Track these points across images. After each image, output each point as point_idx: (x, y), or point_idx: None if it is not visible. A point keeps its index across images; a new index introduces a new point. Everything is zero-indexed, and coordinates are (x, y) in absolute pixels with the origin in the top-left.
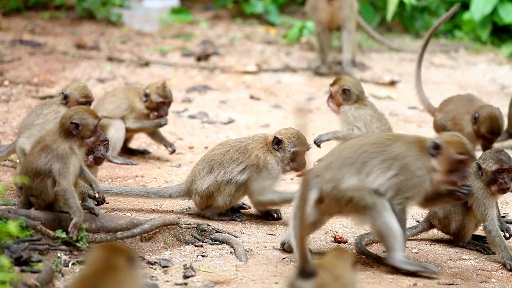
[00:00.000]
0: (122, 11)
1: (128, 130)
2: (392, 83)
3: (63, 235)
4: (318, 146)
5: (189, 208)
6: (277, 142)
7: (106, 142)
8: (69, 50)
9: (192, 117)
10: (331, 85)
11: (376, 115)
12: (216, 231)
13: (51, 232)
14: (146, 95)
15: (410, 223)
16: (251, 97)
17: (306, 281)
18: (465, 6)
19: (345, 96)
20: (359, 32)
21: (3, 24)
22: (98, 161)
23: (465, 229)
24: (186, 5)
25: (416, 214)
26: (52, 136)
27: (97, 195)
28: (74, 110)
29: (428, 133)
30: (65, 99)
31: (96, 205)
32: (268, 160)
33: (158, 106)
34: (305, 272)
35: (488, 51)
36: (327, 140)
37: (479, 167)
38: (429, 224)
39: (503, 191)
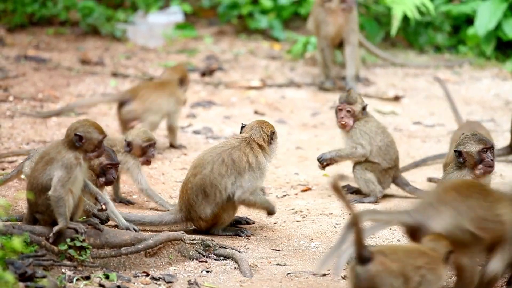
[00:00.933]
0: (126, 26)
1: None
2: (397, 98)
3: (65, 247)
4: (322, 164)
5: None
6: (272, 135)
7: (117, 165)
8: (74, 65)
9: (196, 132)
10: (351, 104)
11: (381, 127)
12: (221, 247)
13: (55, 248)
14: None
15: None
16: (256, 112)
17: (363, 266)
18: (470, 21)
19: (364, 112)
20: (362, 48)
21: (8, 40)
22: (108, 184)
23: None
24: (190, 21)
25: None
26: (56, 148)
27: (103, 207)
28: (80, 123)
29: (432, 148)
30: (129, 146)
31: (100, 223)
32: (260, 161)
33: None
34: (362, 257)
35: (493, 66)
36: (331, 158)
37: (460, 154)
38: None
39: (490, 169)
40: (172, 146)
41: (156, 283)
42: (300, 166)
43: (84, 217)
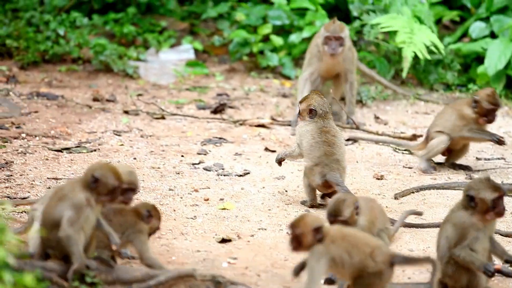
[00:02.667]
0: (138, 64)
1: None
2: (414, 137)
3: (76, 283)
4: (279, 164)
5: (204, 260)
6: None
7: (137, 191)
8: (86, 102)
9: (207, 169)
10: (300, 102)
11: (316, 130)
12: (231, 283)
13: (66, 284)
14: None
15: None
16: (266, 149)
17: None
18: (479, 60)
19: (311, 115)
20: (373, 85)
21: (21, 77)
22: (124, 203)
23: (477, 278)
24: (201, 58)
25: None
26: (71, 186)
27: (114, 248)
28: (100, 165)
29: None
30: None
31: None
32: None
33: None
34: None
35: (503, 105)
36: (280, 158)
37: (472, 198)
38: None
39: (500, 216)
40: None
41: None
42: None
43: (96, 254)
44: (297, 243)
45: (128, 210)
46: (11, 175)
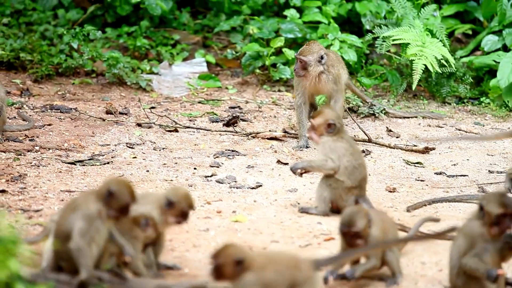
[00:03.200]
0: (151, 77)
1: None
2: (426, 150)
3: None
4: (295, 173)
5: None
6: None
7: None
8: (99, 115)
9: (220, 181)
10: (313, 117)
11: (350, 149)
12: None
13: None
14: None
15: None
16: (279, 161)
17: None
18: (491, 73)
19: (330, 129)
20: (385, 98)
21: (34, 91)
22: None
23: None
24: (214, 71)
25: (444, 279)
26: (85, 197)
27: (127, 259)
28: (118, 181)
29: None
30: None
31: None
32: None
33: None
34: None
35: None
36: (302, 167)
37: (482, 208)
38: None
39: (501, 233)
40: None
41: None
42: (323, 216)
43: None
44: (218, 273)
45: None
46: (25, 188)
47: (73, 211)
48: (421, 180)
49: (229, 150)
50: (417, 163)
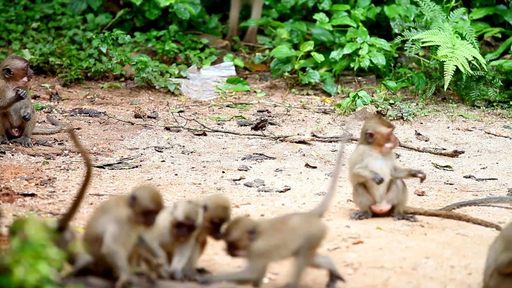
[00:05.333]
0: (180, 80)
1: None
2: (455, 153)
3: None
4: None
5: None
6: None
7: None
8: (128, 119)
9: (248, 185)
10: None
11: None
12: None
13: None
14: None
15: None
16: (307, 165)
17: None
18: None
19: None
20: (414, 101)
21: (63, 95)
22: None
23: None
24: (242, 75)
25: (473, 283)
26: (116, 201)
27: (159, 261)
28: (145, 188)
29: None
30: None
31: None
32: None
33: None
34: None
35: None
36: None
37: None
38: None
39: None
40: None
41: None
42: (351, 219)
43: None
44: (234, 248)
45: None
46: (54, 191)
47: (103, 214)
48: (450, 184)
49: (257, 153)
50: (446, 166)
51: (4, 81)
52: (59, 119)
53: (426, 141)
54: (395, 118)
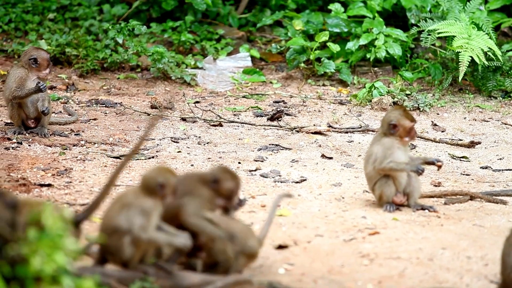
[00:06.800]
0: (196, 71)
1: None
2: (472, 144)
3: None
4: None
5: (261, 266)
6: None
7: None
8: (144, 110)
9: (264, 176)
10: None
11: None
12: None
13: None
14: None
15: (482, 283)
16: (323, 156)
17: None
18: None
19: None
20: (430, 92)
21: (80, 85)
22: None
23: None
24: (258, 66)
25: (490, 274)
26: (134, 194)
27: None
28: (156, 172)
29: None
30: None
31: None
32: None
33: None
34: None
35: None
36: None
37: None
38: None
39: None
40: None
41: None
42: (367, 210)
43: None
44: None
45: None
46: (71, 182)
47: (125, 207)
48: (467, 175)
49: (273, 144)
50: (462, 157)
51: (26, 71)
52: (75, 110)
53: (442, 131)
54: (412, 108)
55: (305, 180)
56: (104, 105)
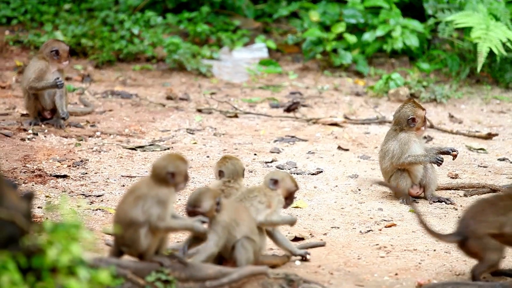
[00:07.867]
0: (211, 62)
1: None
2: (489, 136)
3: (152, 278)
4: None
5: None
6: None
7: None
8: (160, 101)
9: (280, 167)
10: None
11: None
12: (305, 281)
13: (140, 281)
14: None
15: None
16: (339, 147)
17: None
18: None
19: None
20: (448, 83)
21: (95, 76)
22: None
23: None
24: (274, 57)
25: (506, 266)
26: (147, 184)
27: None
28: (166, 160)
29: None
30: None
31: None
32: None
33: None
34: None
35: None
36: None
37: None
38: None
39: None
40: None
41: None
42: (384, 202)
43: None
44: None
45: None
46: (86, 173)
47: (140, 199)
48: (484, 166)
49: (289, 136)
50: (480, 149)
51: (47, 63)
52: (91, 101)
53: (459, 123)
54: (428, 100)
55: (321, 171)
56: (119, 96)
